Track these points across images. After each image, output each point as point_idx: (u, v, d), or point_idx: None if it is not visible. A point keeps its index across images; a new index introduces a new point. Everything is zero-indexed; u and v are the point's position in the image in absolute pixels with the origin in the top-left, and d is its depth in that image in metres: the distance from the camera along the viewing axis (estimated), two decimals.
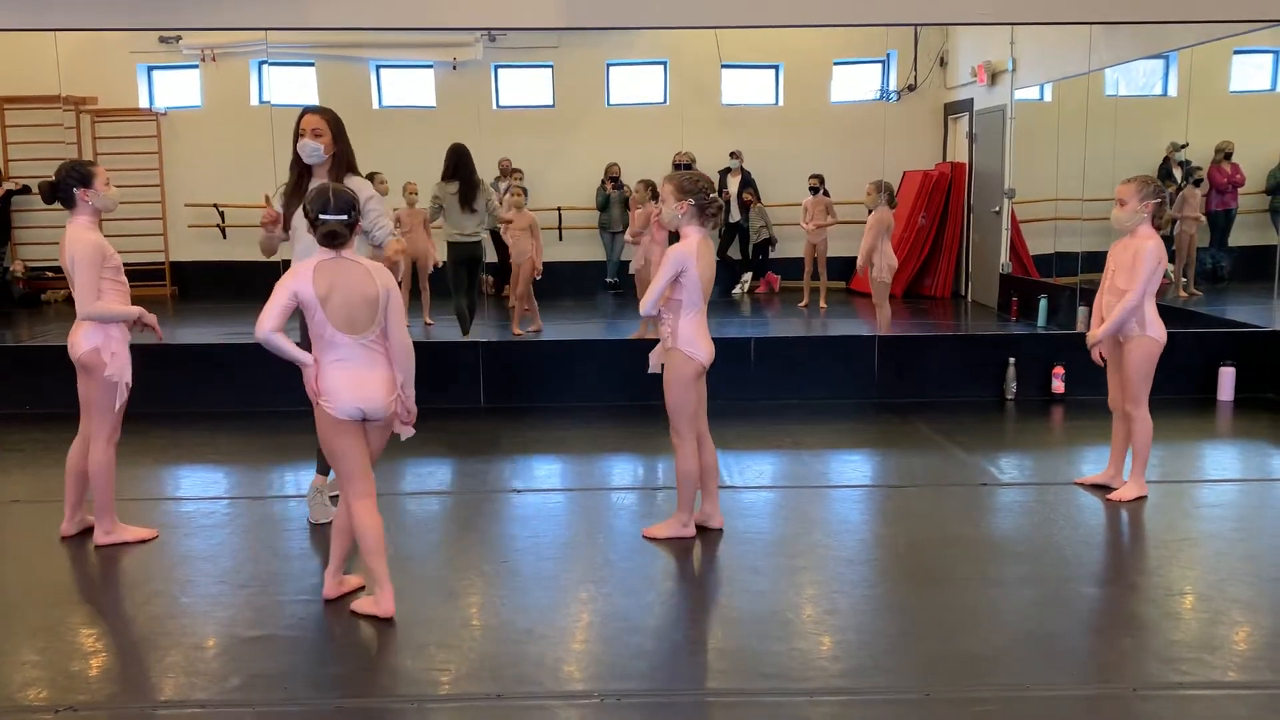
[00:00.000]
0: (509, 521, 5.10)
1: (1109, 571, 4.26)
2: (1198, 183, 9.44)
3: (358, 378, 3.62)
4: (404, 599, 3.82)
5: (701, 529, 4.65)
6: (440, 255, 9.28)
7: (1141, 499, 5.02)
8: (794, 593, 4.11)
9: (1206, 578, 4.23)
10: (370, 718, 3.17)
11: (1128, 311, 4.85)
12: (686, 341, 4.39)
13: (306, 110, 4.68)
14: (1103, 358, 5.16)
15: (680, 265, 4.31)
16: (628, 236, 9.42)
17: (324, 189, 3.64)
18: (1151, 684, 3.27)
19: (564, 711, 3.16)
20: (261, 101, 11.73)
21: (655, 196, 9.55)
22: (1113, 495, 5.07)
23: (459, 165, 8.31)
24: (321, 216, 3.57)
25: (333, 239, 3.59)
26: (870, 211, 8.89)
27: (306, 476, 5.80)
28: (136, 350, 4.59)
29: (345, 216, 3.59)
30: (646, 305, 4.40)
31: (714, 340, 4.51)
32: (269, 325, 3.55)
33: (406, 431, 3.82)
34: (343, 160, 4.64)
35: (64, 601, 4.08)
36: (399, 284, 3.86)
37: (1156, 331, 4.93)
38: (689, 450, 4.51)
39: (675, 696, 3.23)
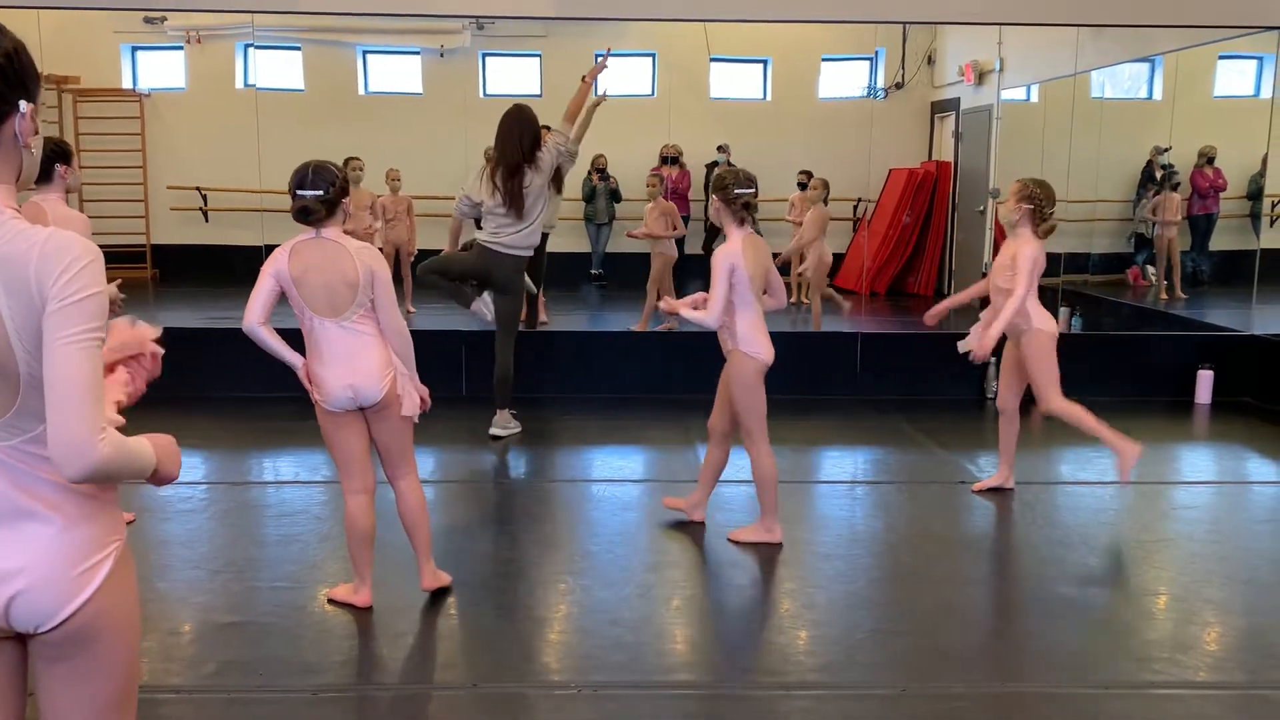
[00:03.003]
0: (488, 512, 5.09)
1: (1084, 571, 4.29)
2: (1175, 186, 9.50)
3: (345, 364, 3.48)
4: (381, 587, 3.80)
5: (687, 523, 4.65)
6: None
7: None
8: (772, 587, 4.12)
9: (1180, 579, 4.27)
10: (346, 706, 3.16)
11: (1011, 311, 4.77)
12: (746, 341, 4.29)
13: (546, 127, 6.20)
14: (990, 359, 5.10)
15: (730, 265, 4.19)
16: (638, 233, 9.16)
17: (305, 165, 3.49)
18: (1124, 683, 3.30)
19: (541, 702, 3.17)
20: (247, 85, 11.64)
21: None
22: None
23: None
24: (297, 192, 3.42)
25: (305, 215, 3.44)
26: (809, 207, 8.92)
27: (285, 462, 5.79)
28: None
29: (321, 192, 3.42)
30: (712, 317, 4.23)
31: (699, 334, 4.49)
32: (254, 316, 3.46)
33: (409, 409, 3.63)
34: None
35: None
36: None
37: (1044, 323, 4.87)
38: (763, 451, 4.37)
39: (652, 689, 3.24)
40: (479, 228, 6.10)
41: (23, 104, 1.59)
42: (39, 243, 1.53)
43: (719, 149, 11.87)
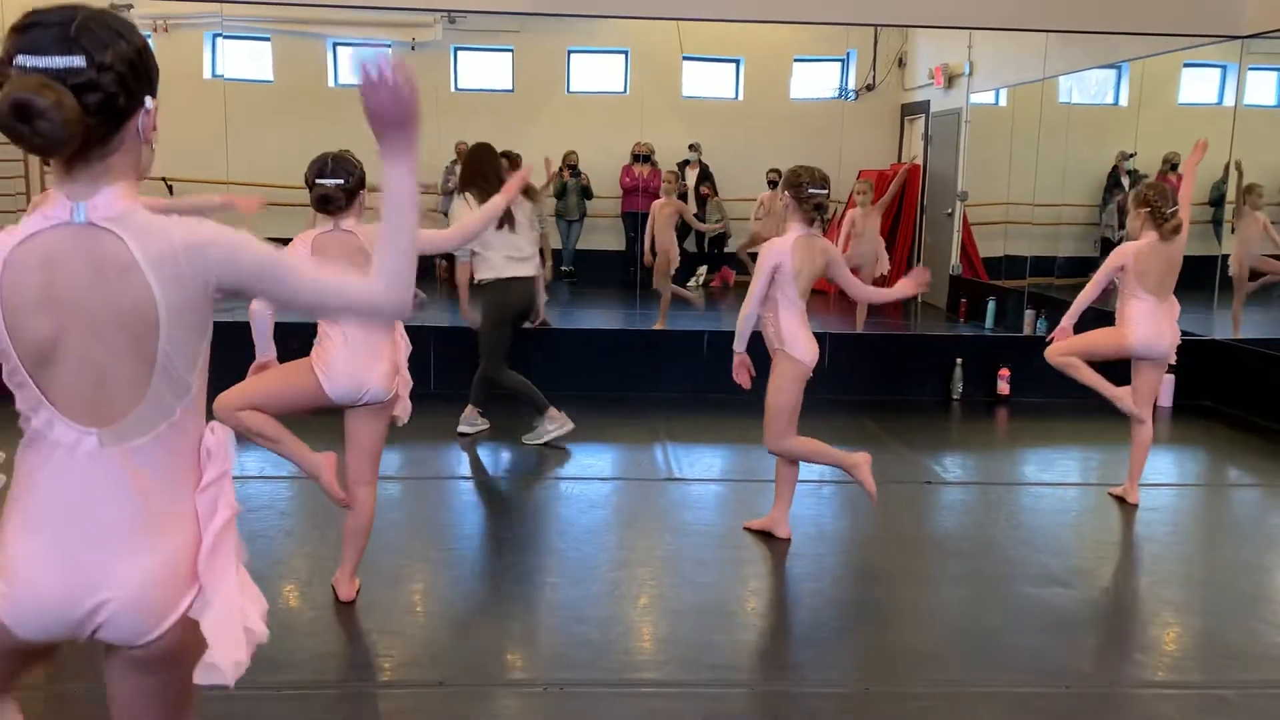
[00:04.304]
0: (455, 509, 5.08)
1: (1046, 571, 4.34)
2: None
3: (362, 361, 3.45)
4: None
5: (653, 522, 4.66)
6: None
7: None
8: (738, 586, 4.14)
9: (1140, 579, 4.34)
10: (311, 703, 3.14)
11: (1080, 301, 5.31)
12: (792, 343, 4.26)
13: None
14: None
15: (775, 261, 4.18)
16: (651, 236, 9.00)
17: (323, 154, 3.50)
18: (1084, 682, 3.34)
19: (507, 699, 3.16)
20: (215, 75, 11.51)
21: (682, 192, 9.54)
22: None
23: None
24: (317, 180, 3.43)
25: (326, 203, 3.45)
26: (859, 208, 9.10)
27: (249, 457, 5.73)
28: None
29: (342, 180, 3.44)
30: (747, 306, 4.25)
31: (666, 331, 4.50)
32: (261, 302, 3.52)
33: (403, 411, 3.65)
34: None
35: None
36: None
37: (1132, 329, 5.21)
38: (792, 444, 4.37)
39: (618, 686, 3.25)
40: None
41: (149, 100, 1.60)
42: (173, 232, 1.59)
43: (690, 147, 11.89)
